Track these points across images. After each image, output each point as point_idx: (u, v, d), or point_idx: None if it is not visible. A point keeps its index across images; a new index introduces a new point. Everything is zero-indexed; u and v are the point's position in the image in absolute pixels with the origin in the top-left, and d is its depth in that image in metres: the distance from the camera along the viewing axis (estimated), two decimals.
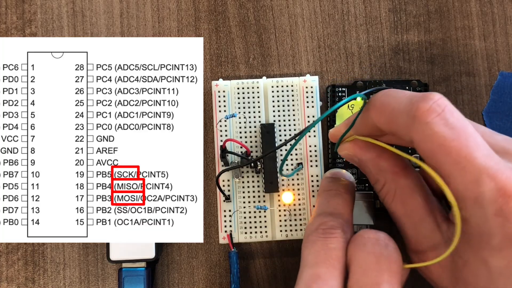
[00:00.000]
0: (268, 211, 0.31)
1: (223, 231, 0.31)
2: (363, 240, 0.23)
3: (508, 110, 0.33)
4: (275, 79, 0.32)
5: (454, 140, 0.20)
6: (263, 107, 0.32)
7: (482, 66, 0.34)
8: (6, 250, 0.32)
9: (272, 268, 0.32)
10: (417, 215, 0.24)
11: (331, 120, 0.32)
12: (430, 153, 0.21)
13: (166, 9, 0.34)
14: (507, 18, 0.34)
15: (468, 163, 0.20)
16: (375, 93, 0.25)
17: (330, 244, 0.24)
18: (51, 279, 0.32)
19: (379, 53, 0.34)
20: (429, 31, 0.34)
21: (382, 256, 0.22)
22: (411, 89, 0.33)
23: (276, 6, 0.34)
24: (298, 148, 0.32)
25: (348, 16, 0.34)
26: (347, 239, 0.24)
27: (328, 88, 0.33)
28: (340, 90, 0.33)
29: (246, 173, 0.32)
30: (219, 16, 0.34)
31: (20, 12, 0.34)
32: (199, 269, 0.32)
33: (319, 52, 0.34)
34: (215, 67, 0.34)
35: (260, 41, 0.34)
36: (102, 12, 0.34)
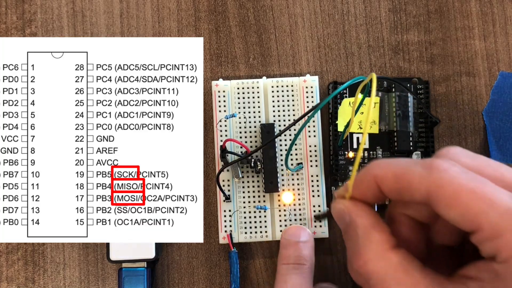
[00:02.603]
0: (268, 211, 0.31)
1: (223, 231, 0.31)
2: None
3: (508, 110, 0.33)
4: (275, 79, 0.32)
5: (474, 181, 0.20)
6: (263, 107, 0.32)
7: (482, 66, 0.34)
8: (6, 250, 0.32)
9: (272, 268, 0.32)
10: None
11: (333, 117, 0.32)
12: (452, 196, 0.20)
13: (166, 9, 0.34)
14: (507, 18, 0.34)
15: (496, 196, 0.19)
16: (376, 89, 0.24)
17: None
18: (51, 279, 0.32)
19: (379, 53, 0.34)
20: (429, 31, 0.34)
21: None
22: (411, 87, 0.33)
23: (276, 6, 0.34)
24: (298, 148, 0.32)
25: (348, 16, 0.34)
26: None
27: (330, 85, 0.33)
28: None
29: (246, 173, 0.32)
30: (219, 16, 0.34)
31: (20, 12, 0.34)
32: (199, 269, 0.32)
33: (319, 52, 0.34)
34: (215, 67, 0.34)
35: (260, 41, 0.34)
36: (102, 12, 0.34)
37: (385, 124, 0.32)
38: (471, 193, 0.19)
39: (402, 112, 0.32)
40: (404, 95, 0.32)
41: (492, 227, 0.19)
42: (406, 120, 0.32)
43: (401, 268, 0.22)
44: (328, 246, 0.32)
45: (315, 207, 0.32)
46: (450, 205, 0.20)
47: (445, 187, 0.20)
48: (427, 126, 0.32)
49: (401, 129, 0.32)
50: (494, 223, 0.19)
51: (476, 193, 0.19)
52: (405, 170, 0.21)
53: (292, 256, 0.30)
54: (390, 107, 0.32)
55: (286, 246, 0.30)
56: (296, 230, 0.31)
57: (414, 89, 0.33)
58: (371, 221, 0.23)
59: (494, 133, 0.33)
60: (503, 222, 0.19)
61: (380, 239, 0.22)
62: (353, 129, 0.32)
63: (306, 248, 0.30)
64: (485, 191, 0.19)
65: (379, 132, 0.32)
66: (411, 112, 0.32)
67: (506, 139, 0.33)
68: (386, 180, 0.22)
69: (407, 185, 0.21)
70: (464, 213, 0.20)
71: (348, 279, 0.32)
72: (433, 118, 0.32)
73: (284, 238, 0.31)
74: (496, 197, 0.19)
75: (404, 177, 0.21)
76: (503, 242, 0.19)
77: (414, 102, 0.32)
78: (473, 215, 0.19)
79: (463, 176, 0.20)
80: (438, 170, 0.20)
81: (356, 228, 0.23)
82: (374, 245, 0.22)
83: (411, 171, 0.21)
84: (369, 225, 0.22)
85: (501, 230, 0.19)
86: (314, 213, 0.32)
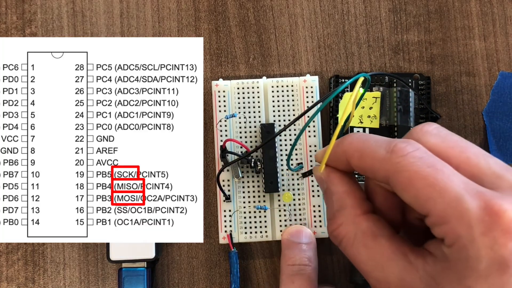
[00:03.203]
0: (268, 211, 0.31)
1: (223, 231, 0.31)
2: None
3: (508, 110, 0.33)
4: (275, 79, 0.32)
5: (430, 167, 0.20)
6: (263, 107, 0.32)
7: (482, 66, 0.34)
8: (6, 250, 0.32)
9: (272, 268, 0.32)
10: (383, 258, 0.23)
11: (334, 110, 0.32)
12: (406, 181, 0.21)
13: (166, 9, 0.34)
14: (507, 18, 0.34)
15: (446, 183, 0.20)
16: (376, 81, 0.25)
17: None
18: (51, 279, 0.32)
19: (379, 53, 0.34)
20: (429, 31, 0.34)
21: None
22: (413, 83, 0.33)
23: (276, 6, 0.34)
24: (298, 148, 0.32)
25: (348, 16, 0.34)
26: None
27: (332, 79, 0.33)
28: (343, 82, 0.33)
29: (246, 173, 0.32)
30: (219, 16, 0.34)
31: (20, 12, 0.34)
32: (199, 269, 0.32)
33: (319, 52, 0.34)
34: (215, 67, 0.34)
35: (260, 41, 0.34)
36: (102, 12, 0.34)
37: (386, 118, 0.32)
38: (422, 180, 0.20)
39: (403, 107, 0.32)
40: (406, 90, 0.32)
41: (439, 214, 0.20)
42: (407, 115, 0.32)
43: (369, 233, 0.23)
44: (328, 246, 0.32)
45: (315, 207, 0.32)
46: (404, 190, 0.21)
47: (401, 173, 0.21)
48: (427, 121, 0.32)
49: (401, 124, 0.32)
50: (441, 210, 0.20)
51: (427, 180, 0.20)
52: (369, 150, 0.23)
53: (297, 258, 0.30)
54: (391, 102, 0.32)
55: (290, 247, 0.30)
56: (298, 231, 0.31)
57: (416, 84, 0.33)
58: (345, 188, 0.24)
59: (494, 133, 0.33)
60: (449, 209, 0.20)
61: (351, 204, 0.24)
62: (353, 123, 0.32)
63: (310, 249, 0.30)
64: (437, 178, 0.20)
65: (379, 126, 0.32)
66: (412, 107, 0.32)
67: (506, 139, 0.33)
68: (352, 158, 0.23)
69: (370, 165, 0.22)
70: (416, 199, 0.21)
71: (348, 281, 0.32)
72: (433, 114, 0.32)
73: (286, 238, 0.31)
74: (446, 184, 0.20)
75: (367, 157, 0.23)
76: (448, 229, 0.20)
77: (415, 97, 0.33)
78: (423, 201, 0.20)
79: (419, 163, 0.21)
80: (397, 155, 0.21)
81: (331, 195, 0.24)
82: (346, 211, 0.24)
83: (374, 152, 0.22)
84: (342, 191, 0.24)
85: (446, 217, 0.20)
86: (303, 176, 0.31)
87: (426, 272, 0.21)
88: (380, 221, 0.24)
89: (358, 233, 0.23)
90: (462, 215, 0.19)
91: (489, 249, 0.19)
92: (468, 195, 0.19)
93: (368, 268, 0.23)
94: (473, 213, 0.19)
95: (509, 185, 0.20)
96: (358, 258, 0.24)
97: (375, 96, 0.32)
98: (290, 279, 0.29)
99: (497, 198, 0.19)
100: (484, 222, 0.19)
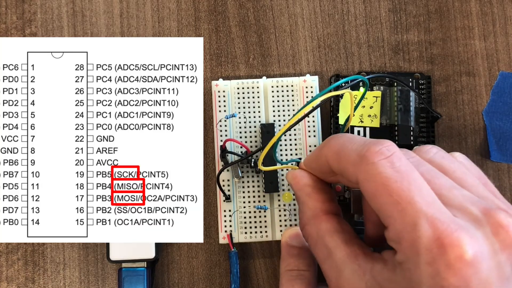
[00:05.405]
0: (268, 211, 0.31)
1: (223, 231, 0.31)
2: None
3: (508, 110, 0.33)
4: (275, 79, 0.32)
5: (397, 182, 0.21)
6: (263, 107, 0.32)
7: (482, 66, 0.34)
8: (6, 250, 0.32)
9: (272, 268, 0.32)
10: (338, 259, 0.23)
11: (335, 109, 0.32)
12: (372, 193, 0.21)
13: (166, 9, 0.34)
14: (507, 18, 0.34)
15: (408, 205, 0.20)
16: (375, 82, 0.25)
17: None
18: (51, 279, 0.32)
19: (379, 53, 0.34)
20: (429, 31, 0.34)
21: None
22: (413, 82, 0.33)
23: (276, 6, 0.34)
24: (298, 148, 0.32)
25: (348, 16, 0.34)
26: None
27: (332, 78, 0.33)
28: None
29: (246, 173, 0.32)
30: (219, 16, 0.34)
31: (20, 12, 0.34)
32: (199, 269, 0.32)
33: (319, 52, 0.34)
34: (215, 67, 0.34)
35: (260, 41, 0.34)
36: (102, 12, 0.34)
37: (386, 118, 0.32)
38: (386, 197, 0.21)
39: (404, 106, 0.32)
40: (406, 89, 0.32)
41: (395, 232, 0.21)
42: (407, 114, 0.32)
43: (328, 234, 0.24)
44: None
45: None
46: (370, 200, 0.22)
47: (368, 182, 0.21)
48: (428, 121, 0.32)
49: (402, 124, 0.32)
50: (397, 230, 0.21)
51: (391, 197, 0.21)
52: (344, 153, 0.23)
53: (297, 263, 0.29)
54: (391, 101, 0.32)
55: (289, 252, 0.30)
56: (297, 234, 0.30)
57: (416, 84, 0.33)
58: (308, 190, 0.26)
59: (494, 133, 0.33)
60: (404, 232, 0.20)
61: (313, 206, 0.25)
62: (354, 122, 0.32)
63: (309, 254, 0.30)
64: (401, 197, 0.20)
65: (380, 126, 0.32)
66: (412, 106, 0.32)
67: (506, 139, 0.33)
68: (331, 160, 0.24)
69: (344, 169, 0.23)
70: (379, 212, 0.21)
71: None
72: (434, 113, 0.32)
73: (286, 242, 0.30)
74: (407, 207, 0.20)
75: (342, 160, 0.23)
76: (400, 248, 0.21)
77: (416, 96, 0.33)
78: (384, 216, 0.21)
79: (387, 174, 0.21)
80: (367, 161, 0.22)
81: (297, 197, 0.26)
82: (309, 212, 0.25)
83: (348, 156, 0.23)
84: (305, 194, 0.26)
85: (400, 239, 0.20)
86: None
87: (372, 277, 0.22)
88: (340, 222, 0.25)
89: (319, 233, 0.24)
90: (414, 241, 0.20)
91: (430, 278, 0.19)
92: (425, 222, 0.20)
93: (326, 267, 0.24)
94: (424, 241, 0.19)
95: (474, 217, 0.20)
96: (319, 257, 0.25)
97: (375, 96, 0.32)
98: (289, 284, 0.29)
99: (454, 230, 0.19)
100: (432, 253, 0.19)
